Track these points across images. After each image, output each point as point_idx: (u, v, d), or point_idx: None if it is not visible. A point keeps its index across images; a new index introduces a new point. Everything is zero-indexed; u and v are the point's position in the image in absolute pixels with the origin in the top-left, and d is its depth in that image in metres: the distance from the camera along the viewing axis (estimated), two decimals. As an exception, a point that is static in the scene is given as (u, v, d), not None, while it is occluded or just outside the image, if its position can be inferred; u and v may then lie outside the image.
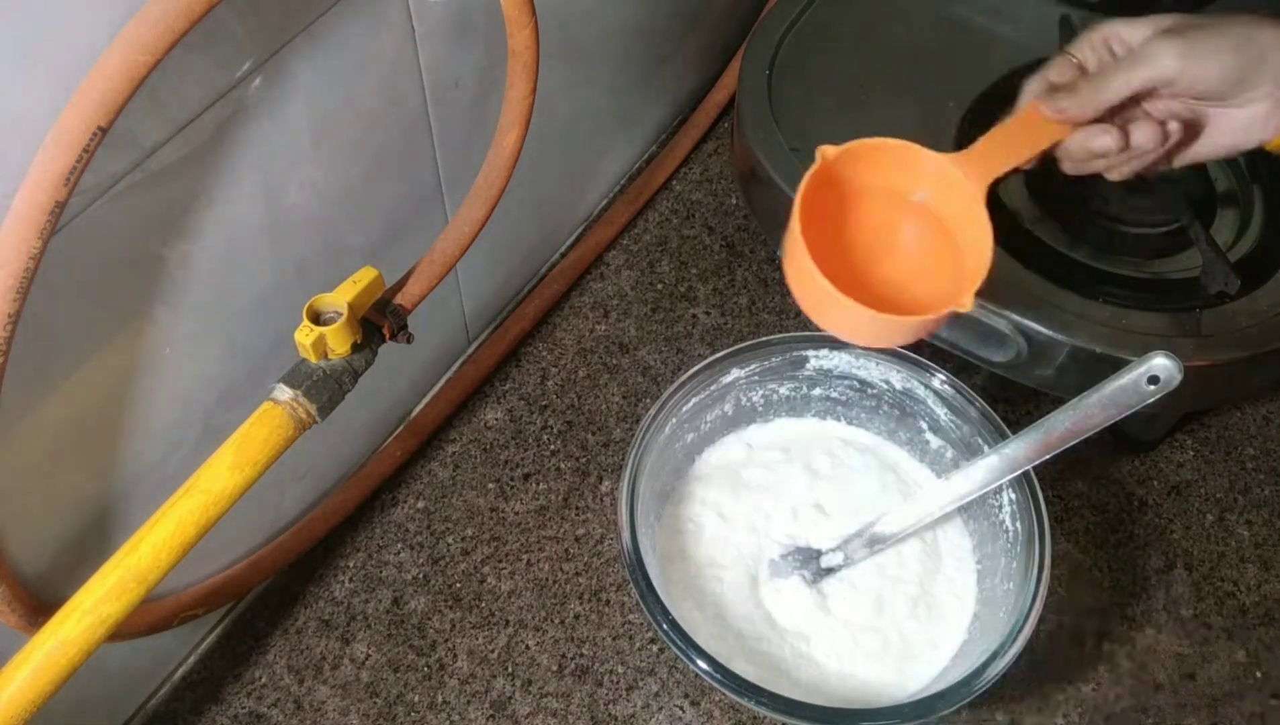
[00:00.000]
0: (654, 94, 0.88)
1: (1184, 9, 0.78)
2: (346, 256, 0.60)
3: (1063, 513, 0.70)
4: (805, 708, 0.51)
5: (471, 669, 0.64)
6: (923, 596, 0.61)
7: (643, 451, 0.59)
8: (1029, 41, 0.76)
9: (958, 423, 0.62)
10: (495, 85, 0.63)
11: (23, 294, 0.38)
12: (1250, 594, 0.67)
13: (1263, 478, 0.72)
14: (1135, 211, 0.66)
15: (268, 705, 0.63)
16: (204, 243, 0.49)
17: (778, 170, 0.69)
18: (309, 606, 0.67)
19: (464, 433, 0.75)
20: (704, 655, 0.52)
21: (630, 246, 0.84)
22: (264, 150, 0.50)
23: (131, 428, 0.51)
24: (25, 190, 0.37)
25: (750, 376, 0.65)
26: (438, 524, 0.70)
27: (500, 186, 0.58)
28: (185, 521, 0.46)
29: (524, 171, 0.59)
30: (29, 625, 0.47)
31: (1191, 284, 0.64)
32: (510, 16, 0.52)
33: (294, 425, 0.49)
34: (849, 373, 0.65)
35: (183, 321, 0.51)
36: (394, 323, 0.54)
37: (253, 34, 0.46)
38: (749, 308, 0.80)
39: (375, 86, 0.56)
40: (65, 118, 0.37)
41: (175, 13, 0.38)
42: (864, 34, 0.78)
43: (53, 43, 0.38)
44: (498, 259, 0.76)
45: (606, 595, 0.67)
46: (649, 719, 0.63)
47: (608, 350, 0.78)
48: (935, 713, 0.51)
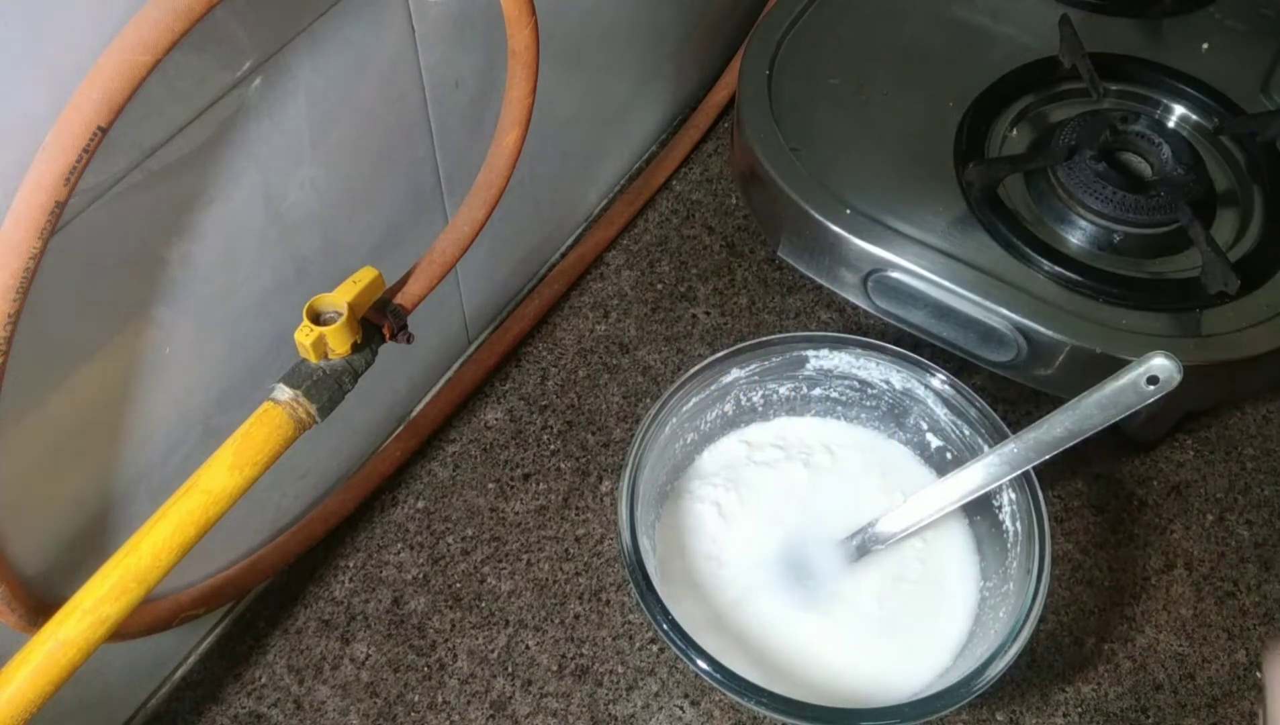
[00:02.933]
0: (654, 94, 0.88)
1: (1184, 9, 0.79)
2: (346, 256, 0.60)
3: (1063, 513, 0.70)
4: (805, 708, 0.51)
5: (471, 669, 0.64)
6: (923, 596, 0.61)
7: (643, 451, 0.59)
8: (1029, 41, 0.76)
9: (958, 423, 0.62)
10: (495, 85, 0.63)
11: (23, 294, 0.38)
12: (1250, 594, 0.67)
13: (1263, 478, 0.72)
14: (1135, 211, 0.66)
15: (268, 705, 0.63)
16: (204, 242, 0.49)
17: (778, 170, 0.69)
18: (309, 606, 0.67)
19: (464, 433, 0.75)
20: (704, 655, 0.52)
21: (630, 246, 0.84)
22: (264, 150, 0.50)
23: (131, 428, 0.51)
24: (25, 190, 0.37)
25: (750, 376, 0.65)
26: (438, 524, 0.70)
27: (500, 186, 0.58)
28: (185, 521, 0.46)
29: (524, 171, 0.59)
30: (29, 625, 0.47)
31: (1191, 284, 0.64)
32: (510, 16, 0.52)
33: (294, 425, 0.49)
34: (849, 373, 0.65)
35: (183, 321, 0.51)
36: (394, 323, 0.54)
37: (253, 34, 0.46)
38: (749, 308, 0.80)
39: (375, 86, 0.56)
40: (65, 118, 0.37)
41: (175, 13, 0.38)
42: (864, 34, 0.78)
43: (53, 43, 0.38)
44: (498, 259, 0.76)
45: (606, 595, 0.67)
46: (649, 719, 0.63)
47: (608, 350, 0.78)
48: (935, 713, 0.51)
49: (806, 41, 0.77)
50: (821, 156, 0.70)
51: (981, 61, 0.75)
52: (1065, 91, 0.74)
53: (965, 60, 0.76)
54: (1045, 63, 0.74)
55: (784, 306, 0.80)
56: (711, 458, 0.67)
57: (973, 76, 0.74)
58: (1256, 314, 0.62)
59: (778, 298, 0.81)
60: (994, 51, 0.76)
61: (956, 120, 0.72)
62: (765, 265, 0.82)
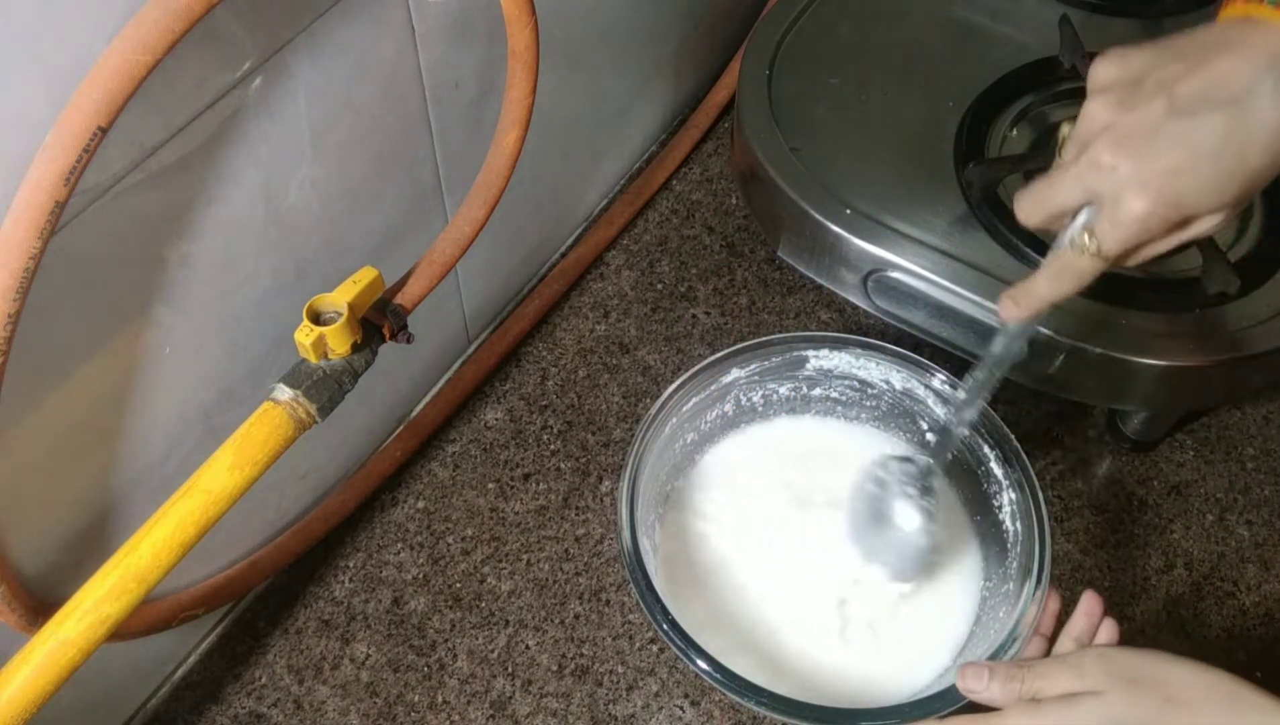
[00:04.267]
0: (654, 94, 0.88)
1: (1184, 9, 0.79)
2: (346, 256, 0.60)
3: (1063, 513, 0.70)
4: (805, 708, 0.51)
5: (471, 669, 0.64)
6: (923, 596, 0.61)
7: (643, 451, 0.59)
8: (1029, 41, 0.76)
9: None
10: (495, 85, 0.63)
11: (23, 294, 0.38)
12: (1250, 594, 0.67)
13: (1263, 478, 0.72)
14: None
15: (268, 705, 0.63)
16: (204, 243, 0.49)
17: (778, 170, 0.69)
18: (309, 606, 0.67)
19: (464, 433, 0.75)
20: (704, 655, 0.52)
21: (630, 246, 0.84)
22: (264, 150, 0.50)
23: (131, 427, 0.51)
24: (25, 190, 0.37)
25: (750, 376, 0.65)
26: (438, 524, 0.70)
27: (500, 186, 0.58)
28: (185, 521, 0.46)
29: (524, 171, 0.59)
30: (29, 625, 0.47)
31: (1191, 284, 0.64)
32: (510, 16, 0.52)
33: (294, 425, 0.49)
34: (849, 373, 0.65)
35: (183, 321, 0.51)
36: (394, 323, 0.54)
37: (253, 34, 0.46)
38: (749, 308, 0.80)
39: (375, 86, 0.56)
40: (65, 118, 0.37)
41: (175, 13, 0.38)
42: (864, 34, 0.78)
43: (53, 43, 0.38)
44: (498, 259, 0.76)
45: (606, 595, 0.67)
46: (649, 719, 0.63)
47: (608, 350, 0.78)
48: (935, 712, 0.51)
49: (806, 41, 0.77)
50: (821, 156, 0.70)
51: (981, 61, 0.75)
52: (1065, 91, 0.74)
53: (965, 60, 0.76)
54: (1045, 63, 0.74)
55: (784, 306, 0.80)
56: (712, 458, 0.66)
57: (973, 76, 0.74)
58: (1256, 314, 0.62)
59: (778, 298, 0.81)
60: (994, 51, 0.76)
61: (956, 120, 0.72)
62: (765, 265, 0.82)
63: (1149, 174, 0.42)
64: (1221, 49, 0.43)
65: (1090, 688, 0.45)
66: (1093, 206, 0.45)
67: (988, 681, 0.48)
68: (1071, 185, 0.45)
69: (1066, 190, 0.46)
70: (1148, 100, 0.43)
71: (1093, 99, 0.45)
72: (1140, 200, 0.42)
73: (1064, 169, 0.45)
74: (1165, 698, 0.44)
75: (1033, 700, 0.47)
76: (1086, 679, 0.46)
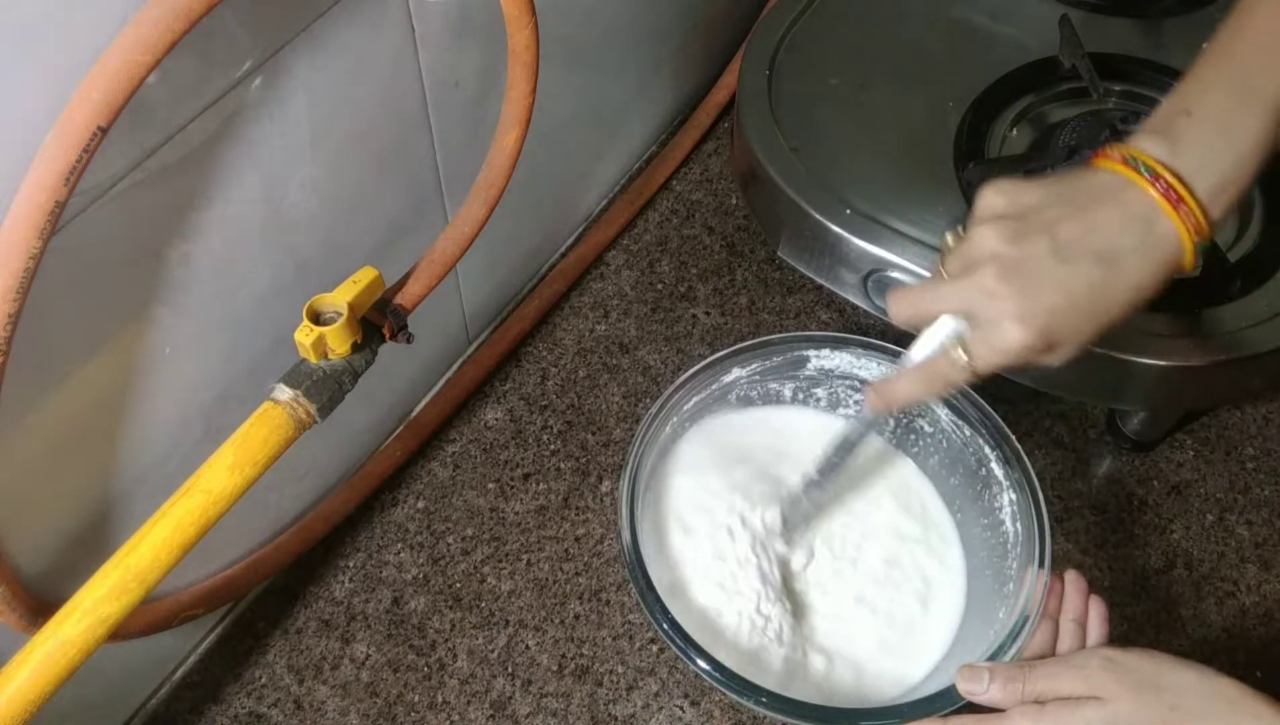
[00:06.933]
0: (654, 94, 0.88)
1: (1184, 9, 0.79)
2: (346, 256, 0.60)
3: (1063, 513, 0.70)
4: (805, 707, 0.51)
5: (471, 669, 0.64)
6: (923, 596, 0.61)
7: (643, 451, 0.59)
8: (1029, 41, 0.76)
9: (958, 423, 0.62)
10: (495, 85, 0.63)
11: (23, 294, 0.38)
12: (1250, 594, 0.67)
13: (1263, 478, 0.72)
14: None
15: (268, 705, 0.63)
16: (204, 243, 0.49)
17: (778, 170, 0.69)
18: (309, 606, 0.67)
19: (464, 433, 0.75)
20: (704, 655, 0.52)
21: (630, 246, 0.84)
22: (264, 150, 0.50)
23: (131, 427, 0.51)
24: (25, 190, 0.37)
25: (751, 376, 0.65)
26: (438, 524, 0.70)
27: (500, 186, 0.58)
28: (185, 521, 0.46)
29: (524, 171, 0.59)
30: (29, 625, 0.47)
31: (1191, 284, 0.64)
32: (510, 16, 0.52)
33: (294, 425, 0.49)
34: (850, 372, 0.65)
35: (183, 321, 0.51)
36: (394, 323, 0.54)
37: (253, 34, 0.46)
38: (749, 308, 0.80)
39: (375, 86, 0.56)
40: (65, 118, 0.37)
41: (175, 13, 0.38)
42: (864, 34, 0.78)
43: (53, 43, 0.38)
44: (498, 259, 0.76)
45: (606, 595, 0.67)
46: (649, 719, 0.63)
47: (608, 350, 0.78)
48: (935, 712, 0.51)
49: (806, 41, 0.77)
50: (821, 156, 0.70)
51: (981, 61, 0.75)
52: (1065, 91, 0.74)
53: (965, 60, 0.76)
54: (1045, 63, 0.74)
55: (784, 306, 0.80)
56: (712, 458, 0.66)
57: (973, 76, 0.74)
58: (1256, 314, 0.62)
59: (778, 298, 0.81)
60: (994, 51, 0.76)
61: (956, 120, 0.71)
62: (765, 265, 0.82)
63: (1029, 310, 0.45)
64: (1101, 199, 0.46)
65: (1094, 692, 0.46)
66: (964, 321, 0.48)
67: (987, 683, 0.49)
68: (953, 299, 0.48)
69: (946, 302, 0.48)
70: (1034, 238, 0.45)
71: (983, 225, 0.47)
72: (1019, 332, 0.45)
73: (948, 282, 0.48)
74: (1169, 706, 0.45)
75: (1035, 703, 0.47)
76: (1091, 683, 0.46)
